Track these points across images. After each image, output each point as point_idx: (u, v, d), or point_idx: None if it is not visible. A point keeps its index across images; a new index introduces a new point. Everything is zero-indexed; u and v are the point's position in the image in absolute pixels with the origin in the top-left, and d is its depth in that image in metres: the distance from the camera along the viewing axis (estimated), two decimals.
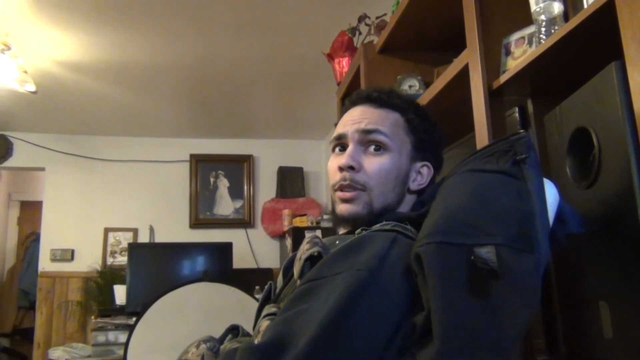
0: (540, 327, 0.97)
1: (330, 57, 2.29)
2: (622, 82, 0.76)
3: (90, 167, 4.51)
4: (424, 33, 1.70)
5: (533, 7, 1.01)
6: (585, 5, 0.88)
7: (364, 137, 0.91)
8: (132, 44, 2.94)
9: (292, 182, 4.70)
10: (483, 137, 1.11)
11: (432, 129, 0.98)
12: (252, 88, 3.66)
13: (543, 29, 0.98)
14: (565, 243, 0.78)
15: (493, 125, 1.11)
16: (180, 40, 2.92)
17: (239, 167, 4.76)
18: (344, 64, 2.23)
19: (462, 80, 1.23)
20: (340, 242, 0.84)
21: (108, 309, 3.58)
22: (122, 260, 4.26)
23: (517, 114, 1.09)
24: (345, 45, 2.21)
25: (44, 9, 2.54)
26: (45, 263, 4.36)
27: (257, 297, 2.02)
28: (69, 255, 4.38)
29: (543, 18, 0.99)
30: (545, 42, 0.95)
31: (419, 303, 0.67)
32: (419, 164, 0.95)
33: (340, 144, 0.95)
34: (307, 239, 0.84)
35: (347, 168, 0.89)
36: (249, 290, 2.06)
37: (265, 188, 4.76)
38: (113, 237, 4.45)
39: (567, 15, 0.99)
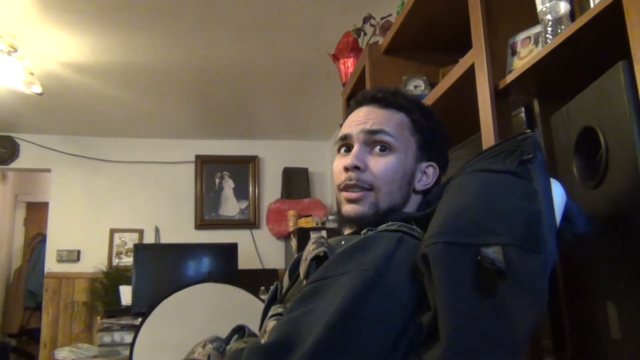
0: (548, 327, 0.96)
1: (336, 57, 2.30)
2: (629, 81, 0.76)
3: (96, 168, 4.53)
4: (429, 33, 1.70)
5: (539, 6, 1.00)
6: (592, 5, 0.88)
7: (370, 137, 0.91)
8: (138, 46, 2.95)
9: (297, 182, 4.70)
10: (489, 137, 1.11)
11: (437, 129, 0.98)
12: (257, 89, 3.67)
13: (549, 29, 0.98)
14: (572, 243, 0.77)
15: (499, 125, 1.10)
16: (186, 42, 2.93)
17: (244, 168, 4.76)
18: (349, 65, 2.23)
19: (467, 80, 1.23)
20: (346, 242, 0.84)
21: (114, 310, 3.59)
22: (127, 261, 4.28)
23: (523, 114, 1.09)
24: (351, 46, 2.21)
25: (50, 11, 2.55)
26: (52, 264, 4.38)
27: (262, 297, 2.02)
28: (75, 256, 4.40)
29: (549, 18, 0.98)
30: (552, 41, 0.95)
31: (426, 303, 0.67)
32: (425, 164, 0.95)
33: (346, 145, 0.95)
34: (312, 240, 0.84)
35: (352, 168, 0.89)
36: (254, 291, 2.06)
37: (271, 189, 4.77)
38: (119, 237, 4.47)
39: (573, 15, 0.99)
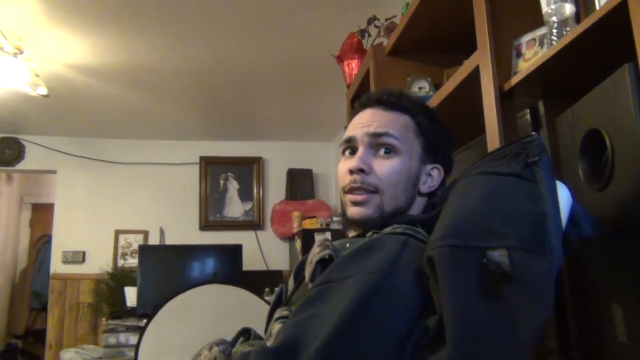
0: (553, 330, 0.96)
1: (340, 59, 2.30)
2: (635, 83, 0.76)
3: (101, 169, 4.54)
4: (434, 35, 1.69)
5: (544, 8, 1.00)
6: (598, 7, 0.88)
7: (374, 140, 0.91)
8: (143, 47, 2.96)
9: (301, 184, 4.70)
10: (494, 139, 1.11)
11: (442, 131, 0.98)
12: (261, 90, 3.67)
13: (554, 31, 0.98)
14: (578, 246, 0.77)
15: (504, 127, 1.10)
16: (190, 43, 2.93)
17: (249, 169, 4.77)
18: (354, 66, 2.23)
19: (472, 82, 1.23)
20: (351, 245, 0.83)
21: (119, 311, 3.60)
22: (132, 262, 4.29)
23: (528, 116, 1.08)
24: (355, 48, 2.20)
25: (56, 13, 2.56)
26: (57, 265, 4.39)
27: (266, 299, 2.03)
28: (80, 257, 4.41)
29: (554, 19, 0.98)
30: (557, 43, 0.95)
31: (431, 306, 0.67)
32: (429, 167, 0.95)
33: (350, 147, 0.95)
34: (318, 242, 0.84)
35: (357, 171, 0.89)
36: (259, 292, 2.06)
37: (275, 190, 4.77)
38: (124, 239, 4.48)
39: (578, 17, 0.98)
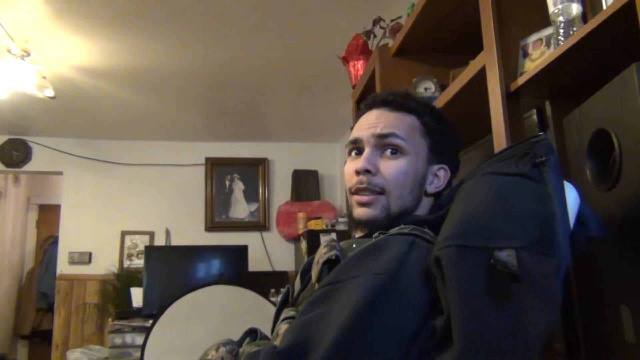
0: (561, 331, 0.96)
1: (345, 60, 2.29)
2: None
3: (108, 171, 4.56)
4: (440, 35, 1.69)
5: (551, 8, 1.00)
6: (605, 6, 0.87)
7: (380, 141, 0.91)
8: (149, 49, 2.97)
9: (307, 185, 4.71)
10: (501, 139, 1.11)
11: (448, 131, 0.98)
12: (267, 91, 3.68)
13: (561, 31, 0.97)
14: (586, 246, 0.77)
15: (511, 128, 1.10)
16: (196, 45, 2.94)
17: (254, 170, 4.78)
18: (359, 67, 2.22)
19: (479, 83, 1.22)
20: (358, 245, 0.84)
21: (125, 312, 3.61)
22: (138, 263, 4.30)
23: (535, 116, 1.08)
24: (360, 49, 2.20)
25: (63, 16, 2.58)
26: (63, 266, 4.41)
27: (272, 299, 2.03)
28: (87, 258, 4.43)
29: (561, 19, 0.98)
30: (564, 43, 0.94)
31: (439, 307, 0.67)
32: (436, 167, 0.95)
33: (357, 148, 0.95)
34: (324, 243, 0.84)
35: (363, 172, 0.89)
36: (264, 293, 2.06)
37: (280, 191, 4.77)
38: (130, 240, 4.49)
39: (585, 17, 0.98)
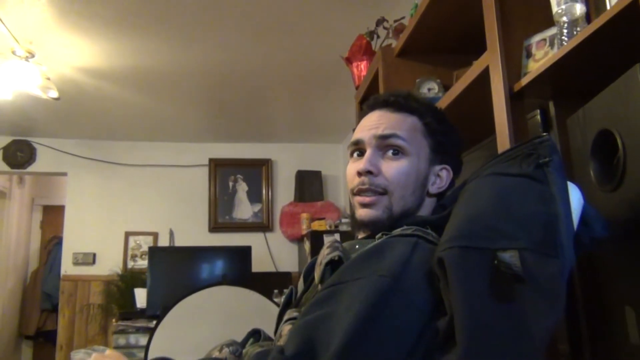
0: (565, 332, 0.95)
1: (349, 60, 2.29)
2: None
3: (112, 171, 4.57)
4: (443, 36, 1.69)
5: (555, 8, 0.99)
6: (608, 7, 0.87)
7: (382, 142, 0.91)
8: (152, 51, 2.97)
9: (310, 185, 4.70)
10: (504, 140, 1.10)
11: (450, 132, 0.97)
12: (270, 92, 3.68)
13: (565, 31, 0.97)
14: (590, 247, 0.77)
15: (514, 128, 1.10)
16: (199, 46, 2.95)
17: (258, 171, 4.78)
18: (362, 68, 2.22)
19: (482, 83, 1.22)
20: (361, 246, 0.84)
21: (129, 312, 3.63)
22: (142, 264, 4.31)
23: (538, 117, 1.08)
24: (364, 49, 2.20)
25: (67, 17, 2.59)
26: (68, 266, 4.43)
27: (275, 300, 2.03)
28: (91, 259, 4.44)
29: (565, 20, 0.97)
30: (568, 44, 0.94)
31: (442, 308, 0.66)
32: (438, 167, 0.94)
33: (359, 149, 0.95)
34: (327, 244, 0.84)
35: (365, 173, 0.89)
36: (268, 294, 2.06)
37: (284, 192, 4.78)
38: (134, 240, 4.50)
39: (589, 17, 0.98)
